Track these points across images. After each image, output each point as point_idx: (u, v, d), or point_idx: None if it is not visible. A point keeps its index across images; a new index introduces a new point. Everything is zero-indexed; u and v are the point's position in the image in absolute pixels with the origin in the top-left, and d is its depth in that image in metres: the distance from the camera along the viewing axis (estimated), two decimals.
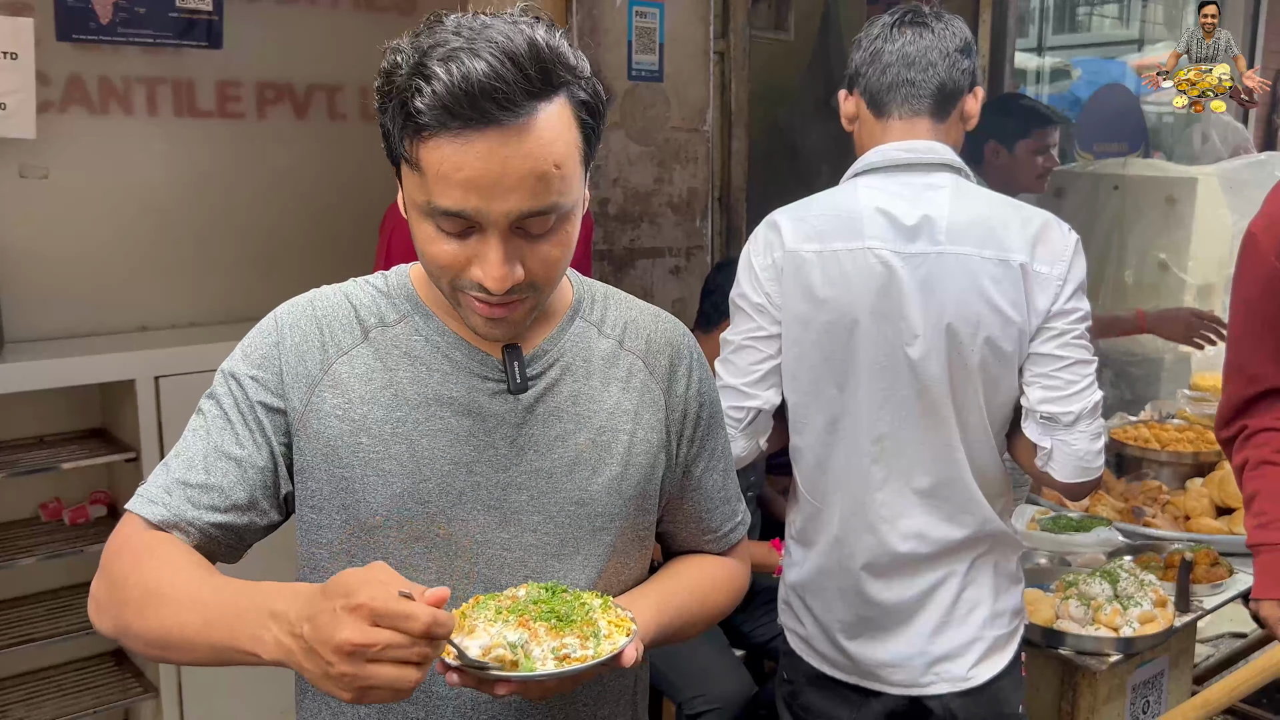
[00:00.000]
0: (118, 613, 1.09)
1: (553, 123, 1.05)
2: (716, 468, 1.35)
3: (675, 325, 1.33)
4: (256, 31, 3.12)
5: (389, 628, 0.88)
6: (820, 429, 1.81)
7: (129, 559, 1.11)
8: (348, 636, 0.88)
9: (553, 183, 1.05)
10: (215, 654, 1.02)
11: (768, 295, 1.80)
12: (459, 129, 1.01)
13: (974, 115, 1.82)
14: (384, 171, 1.14)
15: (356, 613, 0.88)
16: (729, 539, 1.39)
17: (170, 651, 1.06)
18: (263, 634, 0.96)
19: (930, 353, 1.73)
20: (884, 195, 1.76)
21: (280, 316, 1.21)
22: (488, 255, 1.06)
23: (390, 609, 0.88)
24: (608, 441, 1.22)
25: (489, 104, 1.00)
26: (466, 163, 1.02)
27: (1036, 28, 7.22)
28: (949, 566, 1.81)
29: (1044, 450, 1.75)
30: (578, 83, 1.08)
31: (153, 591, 1.06)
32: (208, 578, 1.07)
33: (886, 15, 1.82)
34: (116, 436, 2.90)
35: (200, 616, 1.02)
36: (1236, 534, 2.66)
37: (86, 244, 2.96)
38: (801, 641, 1.92)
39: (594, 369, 1.24)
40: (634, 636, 1.07)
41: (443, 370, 1.18)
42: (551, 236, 1.09)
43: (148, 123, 3.02)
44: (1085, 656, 2.18)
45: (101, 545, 2.91)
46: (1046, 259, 1.72)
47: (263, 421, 1.17)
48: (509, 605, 1.07)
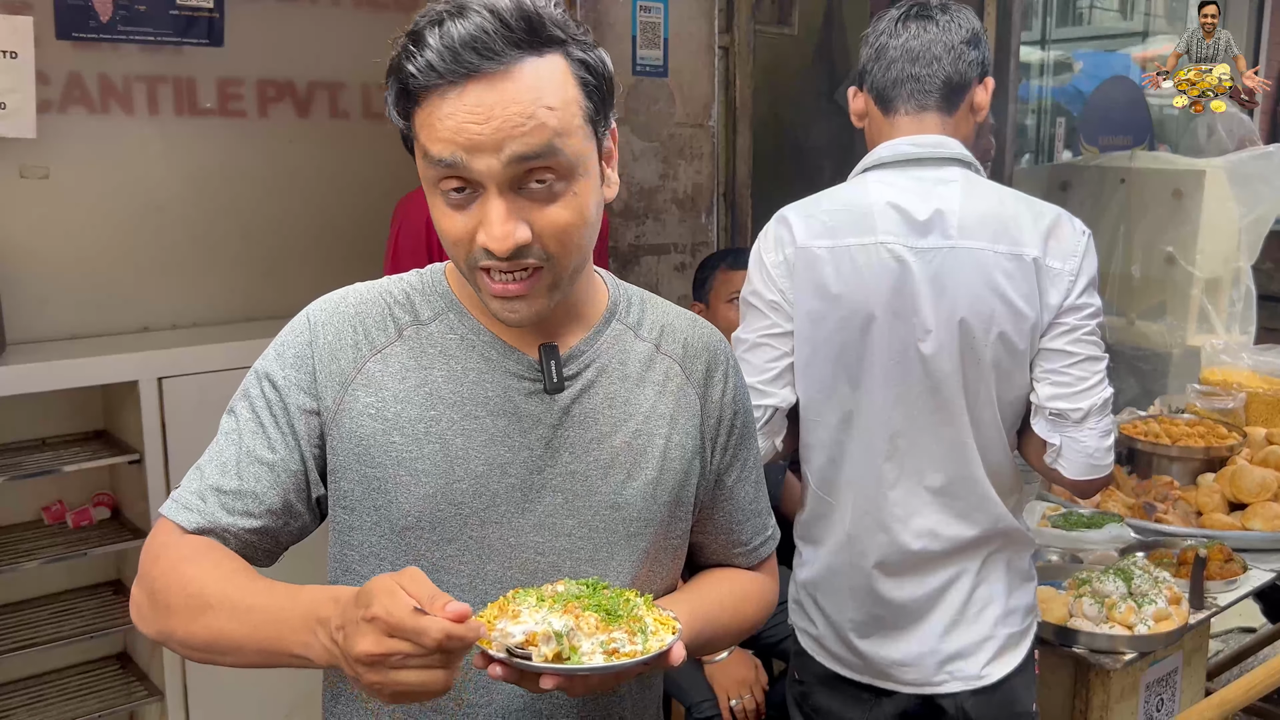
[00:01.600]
0: (162, 619, 1.10)
1: (543, 72, 1.05)
2: (749, 479, 1.33)
3: (712, 331, 1.31)
4: (258, 29, 3.10)
5: (403, 640, 0.89)
6: (833, 426, 1.79)
7: (167, 566, 1.11)
8: (365, 648, 0.90)
9: (546, 125, 1.04)
10: (265, 658, 1.04)
11: (781, 292, 1.77)
12: (447, 85, 1.03)
13: (984, 106, 1.80)
14: (386, 169, 1.13)
15: (373, 624, 0.90)
16: (759, 553, 1.36)
17: (217, 656, 1.08)
18: (311, 640, 0.98)
19: (943, 348, 1.71)
20: (895, 190, 1.74)
21: (313, 315, 1.20)
22: (488, 215, 1.05)
23: (403, 624, 0.89)
24: (643, 445, 1.20)
25: (471, 55, 1.02)
26: (453, 113, 1.03)
27: (1040, 21, 7.19)
28: (961, 564, 1.79)
29: (1053, 447, 1.74)
30: (573, 42, 1.08)
31: (195, 598, 1.07)
32: (250, 583, 1.08)
33: (893, 10, 1.80)
34: (119, 438, 2.89)
35: (248, 624, 1.04)
36: (1249, 529, 2.64)
37: (87, 244, 2.94)
38: (813, 641, 1.90)
39: (630, 371, 1.22)
40: (679, 635, 1.06)
41: (478, 369, 1.17)
42: (559, 196, 1.07)
43: (148, 121, 3.00)
44: (1099, 655, 2.16)
45: (104, 547, 2.88)
46: (1059, 254, 1.70)
47: (295, 424, 1.16)
48: (551, 595, 1.05)
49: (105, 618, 2.85)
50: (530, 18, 1.04)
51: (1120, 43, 7.63)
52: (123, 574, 3.01)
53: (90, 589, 2.98)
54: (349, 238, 3.26)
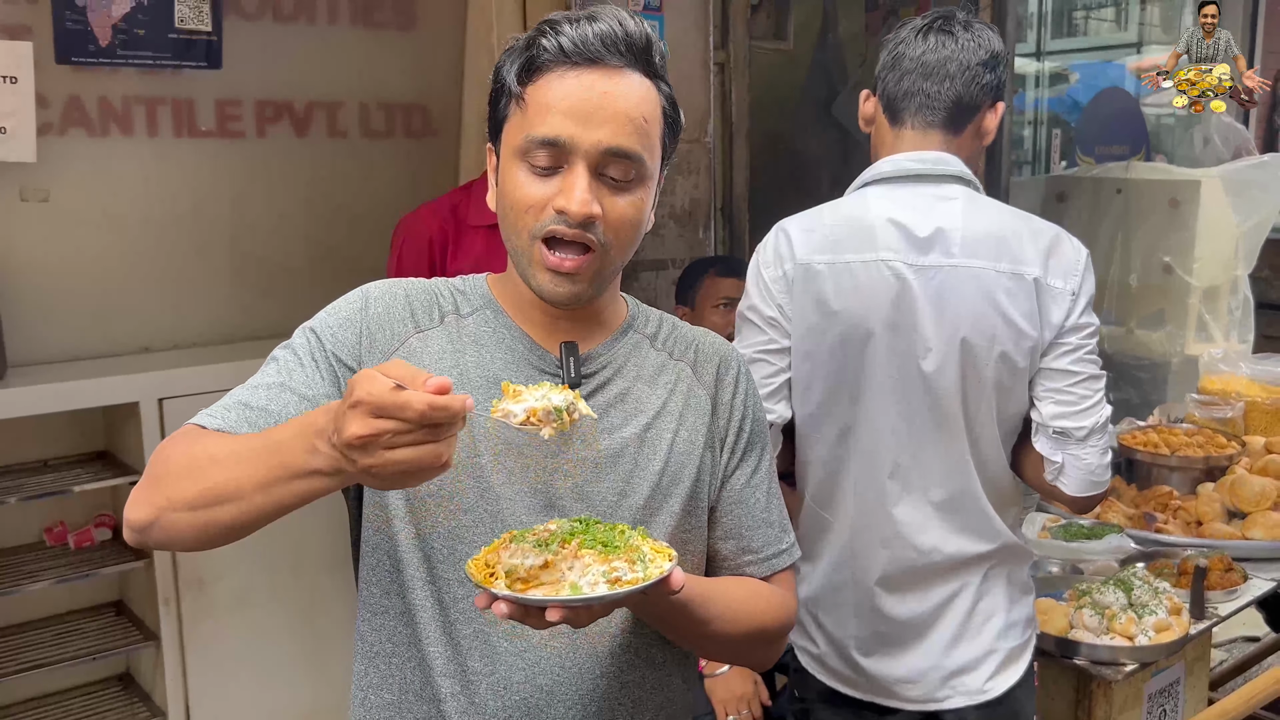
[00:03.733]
0: (162, 491, 1.11)
1: (645, 89, 1.21)
2: (760, 486, 1.36)
3: (724, 342, 1.40)
4: (255, 50, 3.11)
5: (389, 418, 0.93)
6: (831, 442, 1.80)
7: (172, 448, 1.14)
8: (354, 431, 0.94)
9: (640, 132, 1.19)
10: (266, 495, 1.04)
11: (780, 308, 1.77)
12: (569, 66, 1.17)
13: (992, 131, 1.79)
14: (385, 187, 1.17)
15: (358, 409, 0.94)
16: (772, 564, 1.37)
17: (220, 509, 1.07)
18: (312, 451, 1.00)
19: (944, 366, 1.72)
20: (896, 205, 1.74)
21: (368, 290, 1.30)
22: (573, 183, 1.17)
23: (384, 400, 0.93)
24: (653, 438, 1.28)
25: (599, 45, 1.17)
26: (570, 92, 1.17)
27: (1035, 33, 7.22)
28: (963, 579, 1.79)
29: (1054, 464, 1.74)
30: (664, 81, 1.25)
31: (198, 459, 1.10)
32: (253, 435, 1.11)
33: (918, 19, 1.78)
34: (121, 459, 2.89)
35: (247, 462, 1.05)
36: (1250, 539, 2.64)
37: (88, 266, 2.95)
38: (813, 660, 1.89)
39: (644, 374, 1.31)
40: (676, 561, 1.09)
41: (504, 359, 1.27)
42: (630, 192, 1.20)
43: (148, 143, 3.01)
44: (1100, 666, 2.16)
45: (108, 568, 2.88)
46: (1060, 273, 1.71)
47: (335, 371, 1.23)
48: (546, 537, 1.09)
49: (108, 639, 2.85)
50: (649, 42, 1.21)
51: (1116, 53, 7.64)
52: (125, 594, 3.01)
53: (92, 610, 2.97)
54: (348, 256, 3.27)
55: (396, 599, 1.24)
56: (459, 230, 2.65)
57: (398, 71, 3.35)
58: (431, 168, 3.36)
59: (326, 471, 1.00)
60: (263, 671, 2.96)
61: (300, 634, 3.02)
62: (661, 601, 1.11)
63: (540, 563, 1.04)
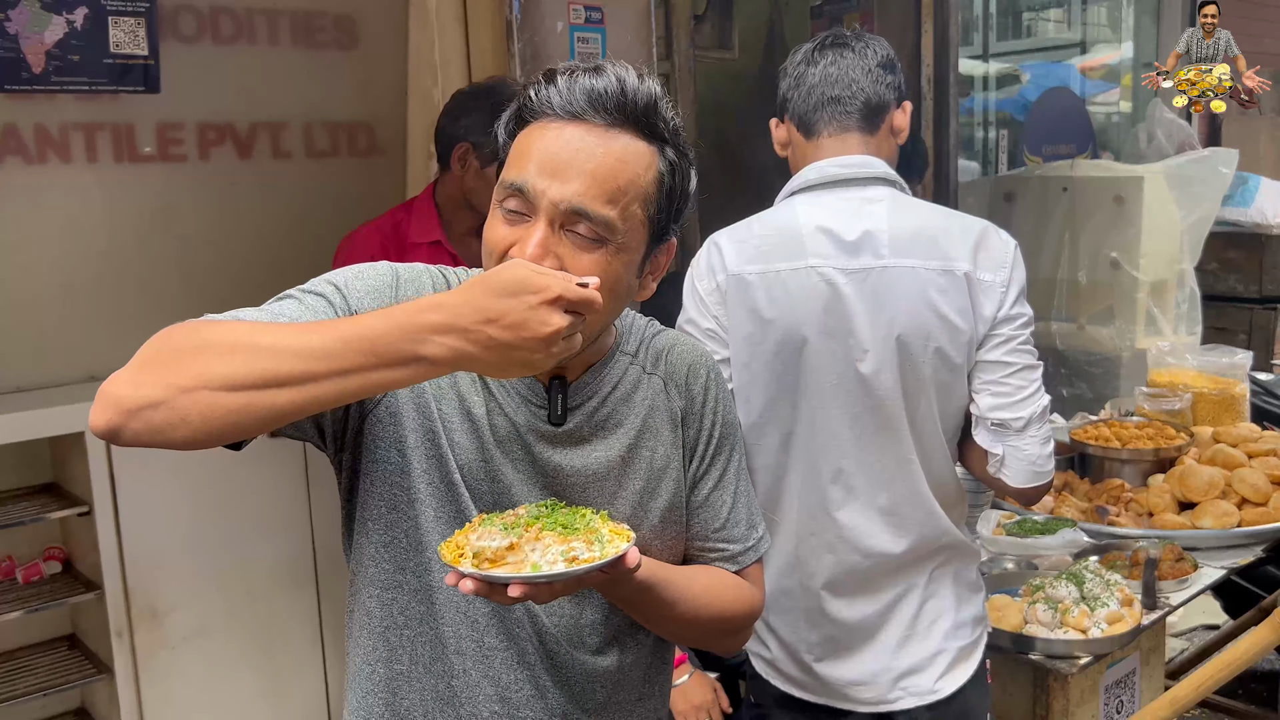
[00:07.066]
0: (185, 369, 1.02)
1: (632, 153, 1.18)
2: (728, 487, 1.38)
3: (696, 346, 1.42)
4: (195, 73, 3.08)
5: (576, 313, 1.04)
6: (775, 448, 1.80)
7: (195, 329, 1.09)
8: (558, 324, 1.03)
9: (610, 195, 1.15)
10: (345, 383, 1.03)
11: (716, 319, 1.79)
12: (553, 118, 1.17)
13: (904, 129, 1.84)
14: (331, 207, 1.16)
15: (556, 304, 1.02)
16: (740, 560, 1.39)
17: (276, 392, 1.02)
18: (423, 347, 1.02)
19: (882, 367, 1.73)
20: (823, 211, 1.76)
21: (396, 267, 1.28)
22: (530, 234, 1.15)
23: (581, 296, 1.04)
24: (633, 457, 1.31)
25: (584, 102, 1.16)
26: (547, 145, 1.16)
27: (981, 34, 7.30)
28: (909, 580, 1.80)
29: (995, 457, 1.75)
30: (671, 147, 1.22)
31: (241, 339, 1.05)
32: (310, 325, 1.10)
33: (808, 43, 1.86)
34: (68, 490, 2.84)
35: (320, 350, 1.02)
36: (1200, 528, 2.67)
37: (29, 296, 2.90)
38: (767, 665, 1.89)
39: (624, 392, 1.32)
40: (633, 542, 1.15)
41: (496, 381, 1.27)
42: (594, 252, 1.16)
43: (87, 169, 2.97)
44: (1055, 660, 2.17)
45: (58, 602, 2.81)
46: (989, 266, 1.73)
47: None
48: (512, 520, 1.15)
49: (60, 674, 2.79)
50: (649, 105, 1.19)
51: (1062, 54, 7.75)
52: (77, 628, 2.95)
53: (44, 645, 2.92)
54: (294, 277, 3.17)
55: (413, 576, 1.27)
56: (401, 248, 2.64)
57: (341, 91, 3.33)
58: (378, 186, 3.34)
59: (436, 360, 1.03)
60: (220, 704, 2.91)
61: (258, 664, 2.98)
62: (625, 582, 1.17)
63: (506, 544, 1.10)
